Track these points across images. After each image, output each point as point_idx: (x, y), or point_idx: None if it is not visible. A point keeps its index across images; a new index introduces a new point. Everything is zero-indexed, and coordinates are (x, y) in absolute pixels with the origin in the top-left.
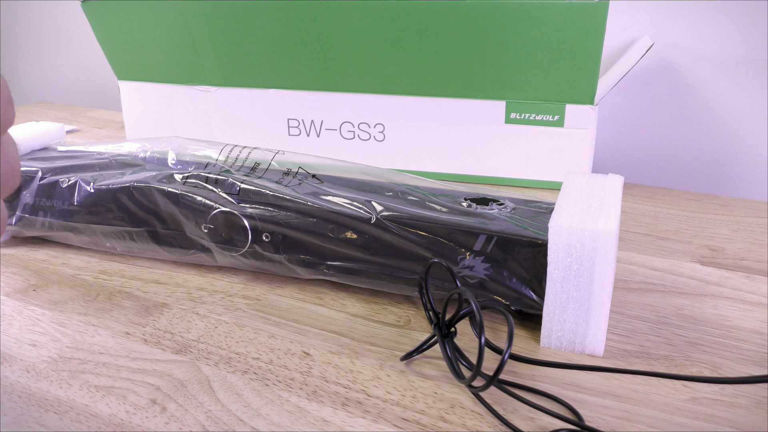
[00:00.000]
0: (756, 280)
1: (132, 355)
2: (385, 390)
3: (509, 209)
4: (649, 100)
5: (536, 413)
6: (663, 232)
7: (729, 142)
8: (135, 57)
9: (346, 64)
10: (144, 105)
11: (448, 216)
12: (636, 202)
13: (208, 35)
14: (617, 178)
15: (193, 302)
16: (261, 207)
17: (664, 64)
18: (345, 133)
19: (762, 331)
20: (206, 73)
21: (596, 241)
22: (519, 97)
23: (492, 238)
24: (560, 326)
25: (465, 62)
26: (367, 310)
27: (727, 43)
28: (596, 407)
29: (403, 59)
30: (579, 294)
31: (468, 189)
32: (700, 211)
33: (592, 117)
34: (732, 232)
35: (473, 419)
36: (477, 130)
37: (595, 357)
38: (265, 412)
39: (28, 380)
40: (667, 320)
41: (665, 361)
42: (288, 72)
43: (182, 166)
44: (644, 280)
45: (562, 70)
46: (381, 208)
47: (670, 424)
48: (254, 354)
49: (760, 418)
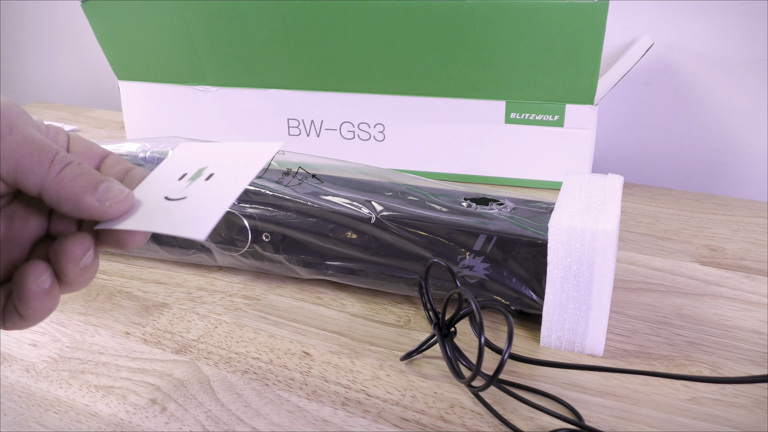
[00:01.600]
0: (756, 279)
1: (132, 355)
2: (385, 390)
3: (509, 209)
4: (649, 100)
5: (536, 413)
6: (663, 232)
7: (729, 142)
8: (135, 57)
9: (346, 64)
10: (144, 105)
11: (448, 216)
12: (636, 202)
13: (208, 35)
14: (617, 178)
15: (193, 302)
16: (261, 207)
17: (663, 64)
18: (345, 133)
19: (762, 331)
20: (206, 73)
21: (596, 240)
22: (519, 97)
23: (492, 238)
24: (560, 326)
25: (465, 62)
26: (367, 310)
27: (727, 43)
28: (596, 407)
29: (403, 59)
30: (579, 294)
31: (468, 189)
32: (700, 211)
33: (592, 117)
34: (732, 232)
35: (473, 419)
36: (477, 130)
37: (595, 357)
38: (265, 412)
39: (28, 380)
40: (666, 320)
41: (665, 360)
42: (288, 72)
43: None
44: (644, 279)
45: (562, 70)
46: (381, 208)
47: (670, 423)
48: (254, 354)
49: (759, 417)
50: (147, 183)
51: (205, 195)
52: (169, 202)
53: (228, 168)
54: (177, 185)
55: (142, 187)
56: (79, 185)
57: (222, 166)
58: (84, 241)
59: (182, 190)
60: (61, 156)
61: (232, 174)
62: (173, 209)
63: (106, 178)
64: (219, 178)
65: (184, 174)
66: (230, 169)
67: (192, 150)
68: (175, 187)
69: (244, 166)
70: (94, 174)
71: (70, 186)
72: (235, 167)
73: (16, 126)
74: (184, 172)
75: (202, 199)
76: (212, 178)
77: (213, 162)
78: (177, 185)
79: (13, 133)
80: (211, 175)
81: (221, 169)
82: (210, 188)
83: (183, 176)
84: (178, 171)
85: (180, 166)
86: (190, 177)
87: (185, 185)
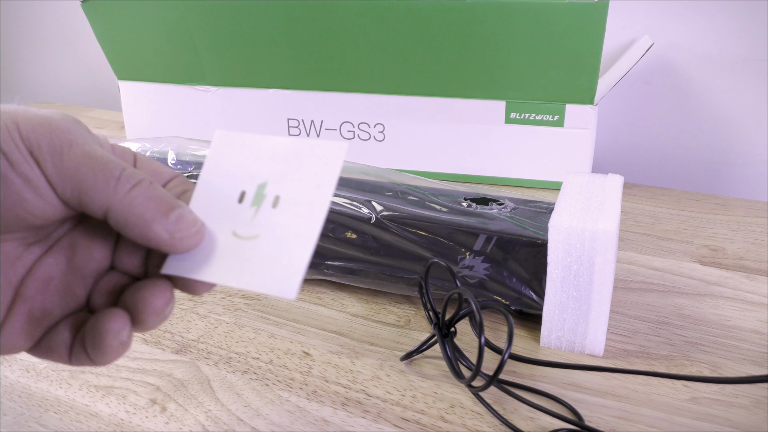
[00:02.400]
0: (756, 280)
1: (132, 354)
2: (385, 390)
3: (509, 209)
4: (649, 100)
5: (536, 413)
6: (663, 231)
7: (729, 142)
8: (135, 57)
9: (346, 64)
10: (144, 105)
11: (448, 216)
12: (636, 202)
13: (208, 35)
14: (617, 178)
15: (193, 302)
16: None
17: (663, 64)
18: (345, 133)
19: (762, 331)
20: (206, 73)
21: (596, 240)
22: (519, 97)
23: (492, 238)
24: (560, 326)
25: (465, 62)
26: (367, 310)
27: (727, 43)
28: (596, 407)
29: (403, 59)
30: (579, 294)
31: (468, 189)
32: (700, 210)
33: (592, 117)
34: (732, 232)
35: (473, 419)
36: (477, 130)
37: (595, 357)
38: (265, 412)
39: (28, 380)
40: (667, 320)
41: (665, 360)
42: (288, 72)
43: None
44: (644, 279)
45: (562, 70)
46: (381, 208)
47: (670, 423)
48: (254, 354)
49: (760, 418)
50: (201, 200)
51: (280, 232)
52: (240, 242)
53: (294, 185)
54: (241, 213)
55: (197, 205)
56: (150, 209)
57: (285, 181)
58: (166, 292)
59: (250, 221)
60: (128, 173)
61: (302, 196)
62: (248, 254)
63: (178, 203)
64: (289, 204)
65: (243, 192)
66: (297, 186)
67: (235, 146)
68: (241, 217)
69: (314, 183)
70: (167, 197)
71: (140, 209)
72: (302, 184)
73: (76, 142)
74: (242, 188)
75: (278, 238)
76: (280, 203)
77: (271, 173)
78: (241, 213)
79: (74, 149)
80: (277, 198)
81: (286, 186)
82: (283, 221)
83: (242, 196)
84: (233, 185)
85: (230, 173)
86: (252, 200)
87: (251, 214)
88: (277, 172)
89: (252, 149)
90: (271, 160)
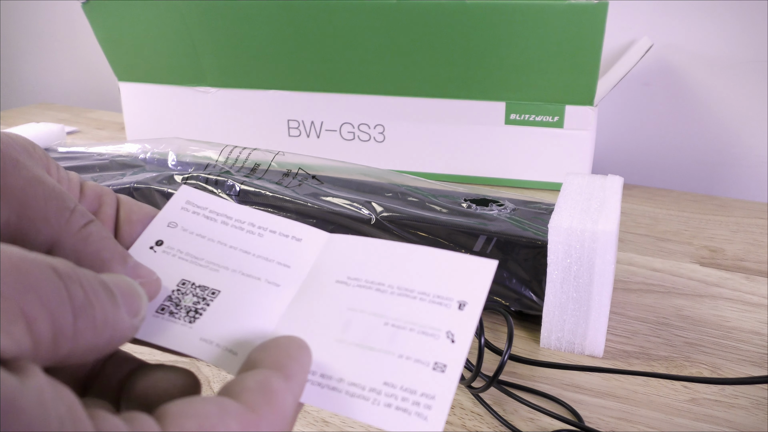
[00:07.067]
0: (755, 281)
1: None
2: None
3: (509, 210)
4: (649, 100)
5: (536, 414)
6: (662, 232)
7: (729, 143)
8: (135, 58)
9: (346, 65)
10: (144, 106)
11: (448, 217)
12: (636, 203)
13: (208, 36)
14: (617, 179)
15: None
16: (261, 208)
17: (663, 65)
18: (345, 134)
19: (761, 332)
20: (206, 75)
21: (596, 241)
22: (519, 98)
23: (492, 239)
24: (560, 327)
25: (465, 63)
26: None
27: (726, 43)
28: (596, 408)
29: (402, 60)
30: (579, 295)
31: (468, 190)
32: (700, 211)
33: (591, 118)
34: (731, 233)
35: (473, 419)
36: (477, 130)
37: (594, 358)
38: None
39: None
40: (666, 321)
41: (665, 361)
42: (288, 73)
43: (182, 167)
44: (644, 281)
45: (562, 71)
46: (381, 209)
47: (670, 424)
48: None
49: (759, 418)
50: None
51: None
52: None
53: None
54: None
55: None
56: (107, 248)
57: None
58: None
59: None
60: (82, 209)
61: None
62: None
63: (130, 254)
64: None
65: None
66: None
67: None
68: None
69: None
70: (119, 246)
71: (96, 247)
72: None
73: (21, 163)
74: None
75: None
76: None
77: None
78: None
79: (19, 169)
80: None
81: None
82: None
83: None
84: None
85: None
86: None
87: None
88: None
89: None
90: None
